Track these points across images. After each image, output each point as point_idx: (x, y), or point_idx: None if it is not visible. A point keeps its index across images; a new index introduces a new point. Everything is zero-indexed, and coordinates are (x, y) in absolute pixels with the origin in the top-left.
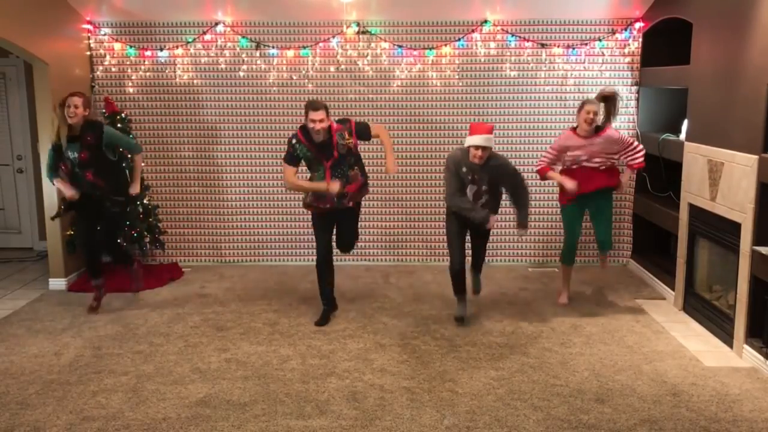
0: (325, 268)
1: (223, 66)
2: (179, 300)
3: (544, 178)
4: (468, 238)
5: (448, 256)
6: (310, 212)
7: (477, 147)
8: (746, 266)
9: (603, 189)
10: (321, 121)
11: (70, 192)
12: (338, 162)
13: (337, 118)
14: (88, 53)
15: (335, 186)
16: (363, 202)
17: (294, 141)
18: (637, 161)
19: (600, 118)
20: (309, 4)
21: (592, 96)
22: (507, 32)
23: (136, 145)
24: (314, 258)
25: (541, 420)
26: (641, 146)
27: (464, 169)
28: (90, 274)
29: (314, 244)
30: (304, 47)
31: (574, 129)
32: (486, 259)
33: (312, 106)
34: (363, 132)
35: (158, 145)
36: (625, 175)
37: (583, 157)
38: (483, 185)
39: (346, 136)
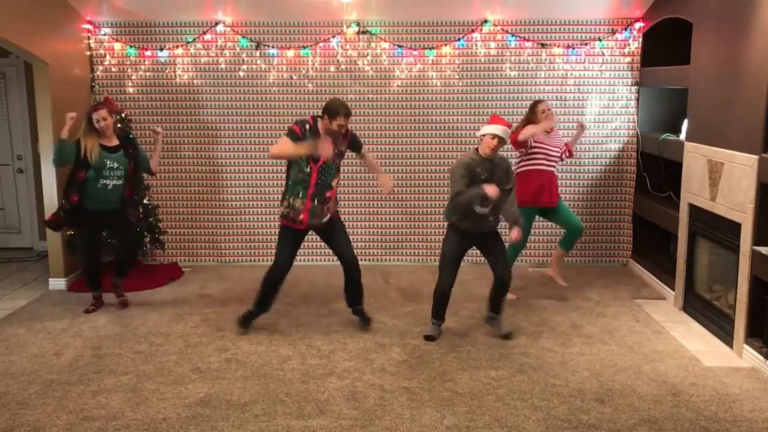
0: (280, 282)
1: (223, 66)
2: (179, 300)
3: (518, 142)
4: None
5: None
6: (281, 225)
7: (494, 136)
8: (746, 266)
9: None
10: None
11: (71, 115)
12: (326, 166)
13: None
14: (88, 53)
15: (326, 150)
16: (362, 202)
17: (308, 127)
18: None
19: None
20: (309, 4)
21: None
22: (507, 32)
23: (149, 168)
24: (314, 258)
25: (541, 420)
26: None
27: (478, 169)
28: (90, 285)
29: (314, 244)
30: (304, 47)
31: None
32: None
33: (345, 111)
34: (356, 143)
35: None
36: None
37: (548, 144)
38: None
39: (340, 139)
